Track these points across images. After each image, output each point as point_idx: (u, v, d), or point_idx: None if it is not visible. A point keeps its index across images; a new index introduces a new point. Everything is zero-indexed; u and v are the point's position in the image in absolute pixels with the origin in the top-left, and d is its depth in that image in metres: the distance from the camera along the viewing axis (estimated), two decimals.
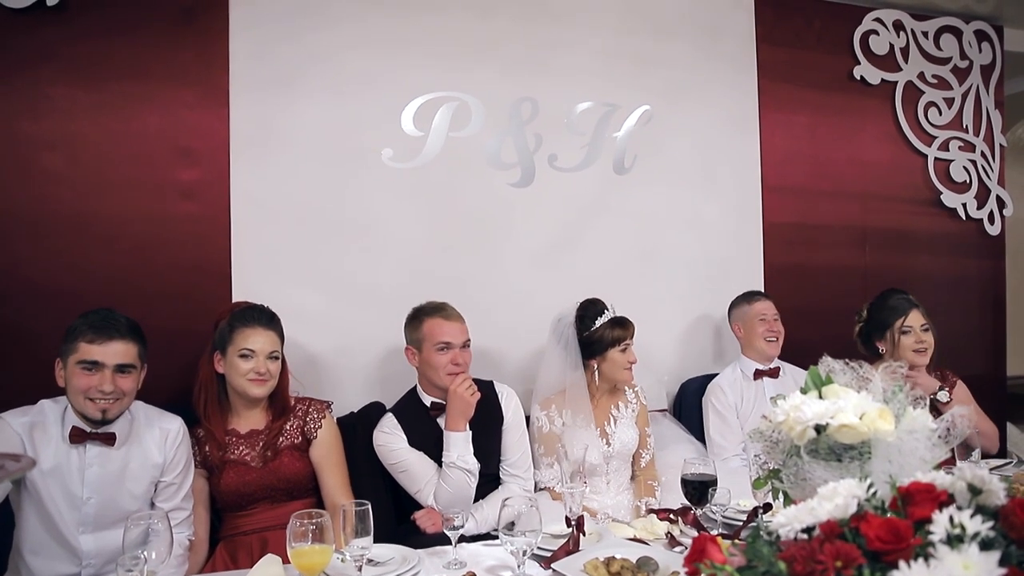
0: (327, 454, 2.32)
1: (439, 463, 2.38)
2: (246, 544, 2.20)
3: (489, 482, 2.45)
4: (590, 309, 2.63)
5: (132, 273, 2.59)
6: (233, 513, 2.26)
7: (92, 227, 2.58)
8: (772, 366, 2.97)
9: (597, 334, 2.58)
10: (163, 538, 1.58)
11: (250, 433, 2.29)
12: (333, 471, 2.32)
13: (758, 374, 2.95)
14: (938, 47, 3.67)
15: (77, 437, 1.99)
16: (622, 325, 2.60)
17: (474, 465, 2.33)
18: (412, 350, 2.47)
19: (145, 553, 1.53)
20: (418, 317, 2.47)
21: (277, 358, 2.29)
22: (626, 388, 2.68)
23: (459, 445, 2.33)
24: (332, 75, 2.84)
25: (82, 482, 1.99)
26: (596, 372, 2.60)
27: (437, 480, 2.34)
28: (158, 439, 2.10)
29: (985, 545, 0.86)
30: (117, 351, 1.99)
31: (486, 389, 2.51)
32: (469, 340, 2.46)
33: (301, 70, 2.81)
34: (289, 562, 1.63)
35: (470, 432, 2.36)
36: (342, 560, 1.69)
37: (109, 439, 2.01)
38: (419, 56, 2.94)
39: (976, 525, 0.88)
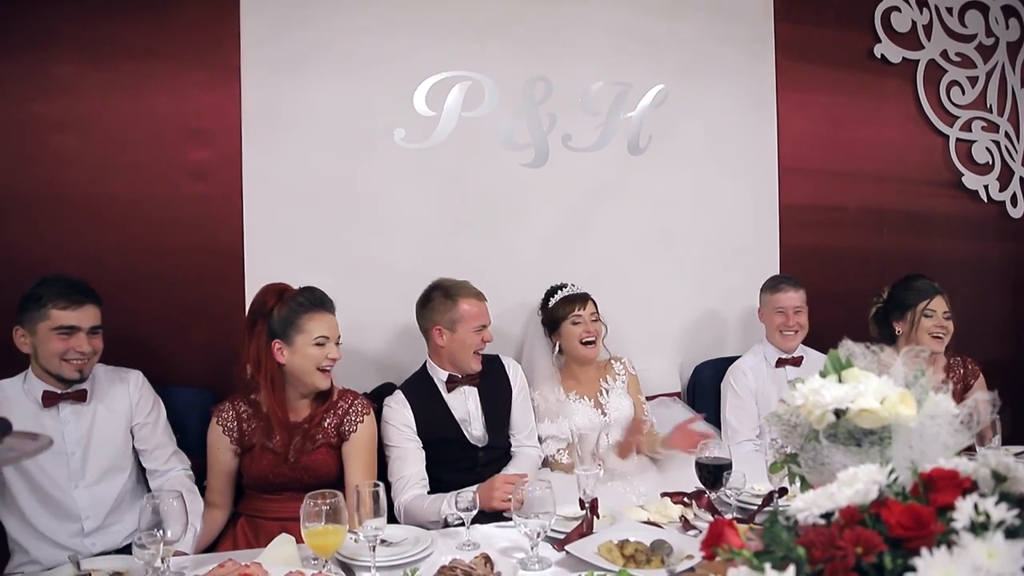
0: (358, 452, 2.23)
1: (444, 439, 2.40)
2: (267, 529, 2.17)
3: (500, 457, 2.49)
4: (550, 291, 2.78)
5: (144, 255, 2.60)
6: (256, 495, 2.23)
7: (103, 209, 2.58)
8: (795, 355, 2.90)
9: (550, 312, 2.73)
10: (178, 517, 1.58)
11: (291, 424, 2.21)
12: (360, 472, 2.20)
13: (780, 362, 2.89)
14: (963, 24, 3.58)
15: (50, 400, 2.08)
16: (571, 300, 2.69)
17: (451, 520, 2.17)
18: (441, 329, 2.45)
19: (160, 531, 1.54)
20: (450, 297, 2.45)
21: (339, 343, 2.24)
22: (612, 363, 2.75)
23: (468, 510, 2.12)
24: (344, 54, 2.82)
25: (63, 439, 2.08)
26: (564, 351, 2.71)
27: (418, 491, 2.30)
28: (120, 389, 2.21)
29: (1010, 533, 0.84)
30: (89, 314, 2.09)
31: (493, 363, 2.58)
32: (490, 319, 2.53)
33: (313, 50, 2.79)
34: (303, 542, 1.64)
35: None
36: (355, 541, 1.69)
37: (81, 396, 2.11)
38: (432, 35, 2.90)
39: (1001, 513, 0.86)
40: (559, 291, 2.74)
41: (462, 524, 1.85)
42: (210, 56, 2.69)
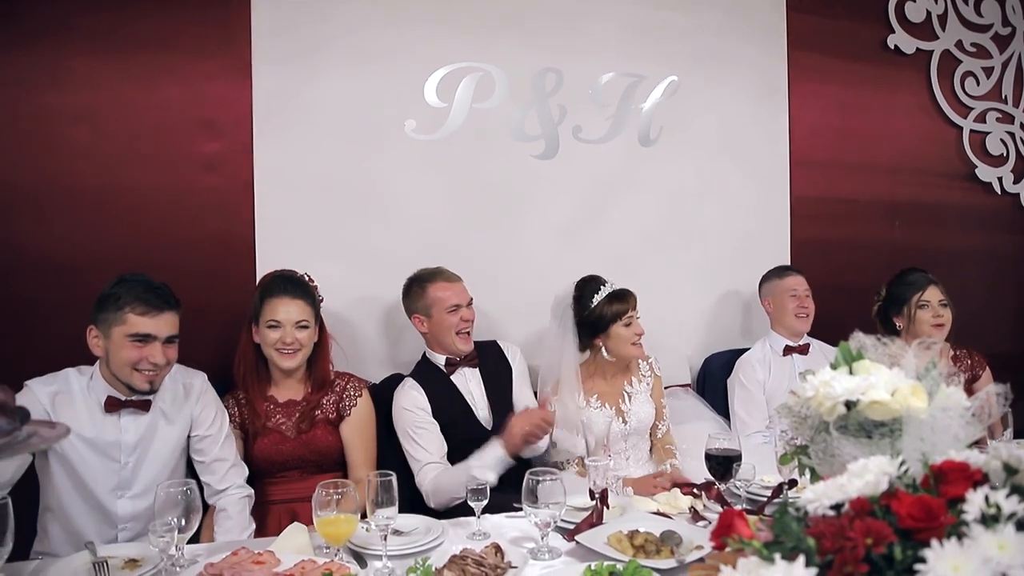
0: (358, 431, 2.35)
1: (455, 420, 2.44)
2: (275, 513, 2.25)
3: None
4: (587, 288, 2.56)
5: (157, 245, 2.61)
6: (262, 480, 2.30)
7: (115, 200, 2.60)
8: (801, 343, 2.95)
9: (597, 312, 2.51)
10: (194, 506, 1.60)
11: (287, 403, 2.33)
12: (360, 449, 2.34)
13: (787, 350, 2.93)
14: (979, 13, 3.54)
15: (112, 406, 2.00)
16: (621, 298, 2.51)
17: (486, 483, 2.16)
18: (420, 317, 2.53)
19: (174, 520, 1.55)
20: (421, 285, 2.53)
21: (306, 327, 2.29)
22: (639, 362, 2.64)
23: (495, 462, 2.22)
24: (355, 46, 2.82)
25: (119, 448, 2.02)
26: (603, 351, 2.55)
27: (441, 468, 2.33)
28: (183, 395, 2.13)
29: (1022, 526, 0.84)
30: (168, 323, 1.99)
31: (491, 347, 2.63)
32: (471, 298, 2.54)
33: (324, 41, 2.79)
34: (315, 531, 1.65)
35: (512, 462, 2.25)
36: (367, 530, 1.71)
37: (145, 406, 2.03)
38: (442, 26, 2.90)
39: (1012, 505, 0.86)
40: (599, 287, 2.53)
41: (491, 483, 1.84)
42: (221, 48, 2.70)
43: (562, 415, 2.45)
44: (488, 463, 2.21)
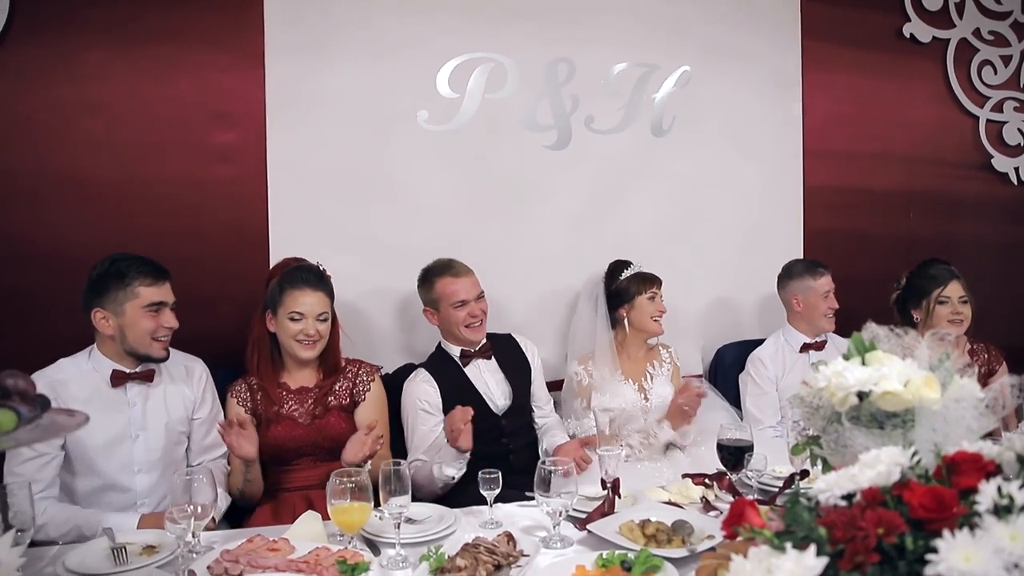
0: (374, 414, 2.37)
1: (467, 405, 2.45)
2: (289, 501, 2.26)
3: (523, 426, 2.60)
4: (618, 265, 2.77)
5: (170, 236, 2.63)
6: (276, 467, 2.32)
7: (130, 192, 2.62)
8: (820, 338, 2.88)
9: (623, 284, 2.71)
10: (206, 494, 1.62)
11: (300, 389, 2.35)
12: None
13: (805, 347, 2.87)
14: (997, 1, 3.48)
15: (119, 379, 2.06)
16: (648, 278, 2.71)
17: (449, 480, 2.25)
18: (430, 311, 2.57)
19: (192, 506, 1.57)
20: (429, 279, 2.55)
21: (326, 319, 2.31)
22: (660, 349, 2.76)
23: (451, 457, 2.23)
24: (367, 37, 2.82)
25: (128, 421, 2.07)
26: (626, 322, 2.70)
27: (418, 464, 2.37)
28: (185, 376, 2.21)
29: None
30: (170, 290, 2.10)
31: (507, 341, 2.68)
32: (482, 291, 2.55)
33: (336, 32, 2.80)
34: (329, 519, 1.67)
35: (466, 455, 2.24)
36: (380, 518, 1.72)
37: (149, 376, 2.10)
38: (454, 17, 2.90)
39: None
40: (627, 267, 2.74)
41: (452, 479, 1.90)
42: (234, 40, 2.71)
43: (611, 386, 2.63)
44: (446, 459, 2.24)
